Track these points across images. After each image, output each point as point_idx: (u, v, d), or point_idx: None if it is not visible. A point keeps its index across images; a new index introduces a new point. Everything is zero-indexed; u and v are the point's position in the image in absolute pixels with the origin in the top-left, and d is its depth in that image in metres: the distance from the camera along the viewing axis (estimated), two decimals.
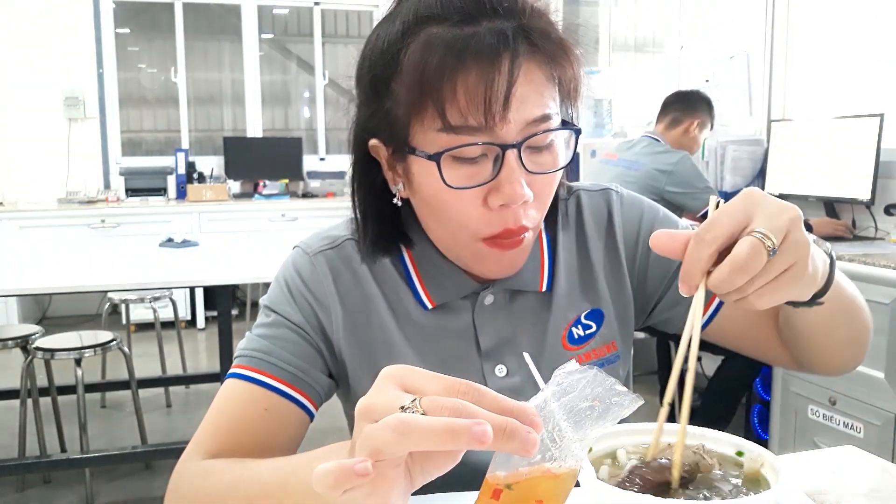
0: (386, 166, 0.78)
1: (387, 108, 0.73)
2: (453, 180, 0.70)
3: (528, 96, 0.69)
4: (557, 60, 0.72)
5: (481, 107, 0.67)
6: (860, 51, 3.15)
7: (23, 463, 2.62)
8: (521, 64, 0.68)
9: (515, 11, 0.70)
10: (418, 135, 0.71)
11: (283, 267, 0.87)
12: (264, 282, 5.20)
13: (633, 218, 0.91)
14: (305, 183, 5.65)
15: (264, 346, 0.81)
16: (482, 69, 0.67)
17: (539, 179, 0.73)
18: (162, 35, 5.64)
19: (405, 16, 0.72)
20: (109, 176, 5.43)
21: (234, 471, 0.71)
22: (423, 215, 0.79)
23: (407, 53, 0.70)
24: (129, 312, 3.81)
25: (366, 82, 0.75)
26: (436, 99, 0.68)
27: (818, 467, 0.82)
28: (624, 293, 0.90)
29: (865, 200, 2.78)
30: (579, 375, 0.51)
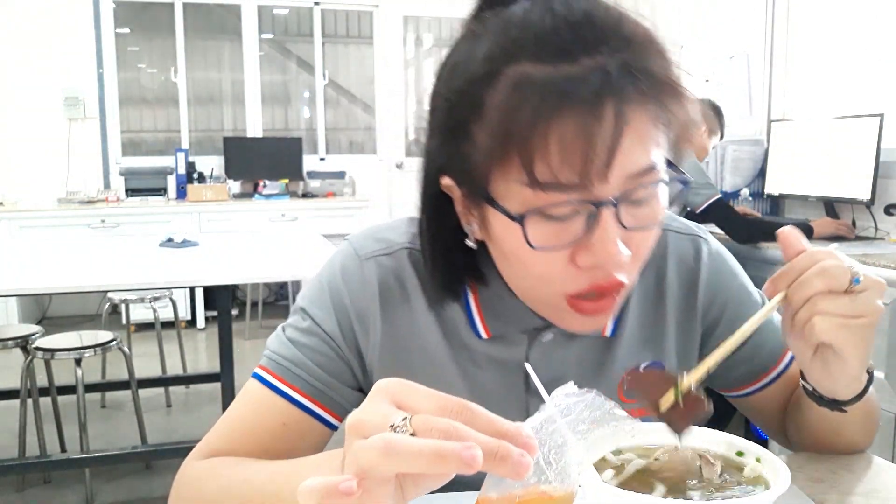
0: (459, 205, 0.69)
1: (464, 151, 0.64)
2: (538, 240, 0.62)
3: (632, 148, 0.60)
4: (666, 102, 0.61)
5: (578, 165, 0.58)
6: (860, 51, 3.15)
7: (23, 463, 2.62)
8: (627, 113, 0.58)
9: (620, 43, 0.60)
10: (499, 186, 0.62)
11: (330, 265, 0.81)
12: (264, 282, 5.23)
13: (718, 277, 0.85)
14: (305, 183, 5.65)
15: (293, 354, 0.78)
16: (582, 121, 0.57)
17: (637, 235, 0.64)
18: (162, 35, 5.64)
19: (490, 45, 0.62)
20: (109, 176, 5.43)
21: (233, 471, 0.71)
22: (499, 263, 0.71)
23: (491, 94, 0.60)
24: (129, 312, 3.81)
25: (441, 117, 0.67)
26: (524, 152, 0.59)
27: (818, 467, 0.82)
28: (691, 350, 0.84)
29: (865, 200, 2.79)
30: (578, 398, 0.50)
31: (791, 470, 0.57)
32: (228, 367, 2.68)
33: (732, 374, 0.88)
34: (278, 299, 5.76)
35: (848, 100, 3.20)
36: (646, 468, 0.62)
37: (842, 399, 0.72)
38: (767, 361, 0.86)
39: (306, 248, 3.24)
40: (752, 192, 3.52)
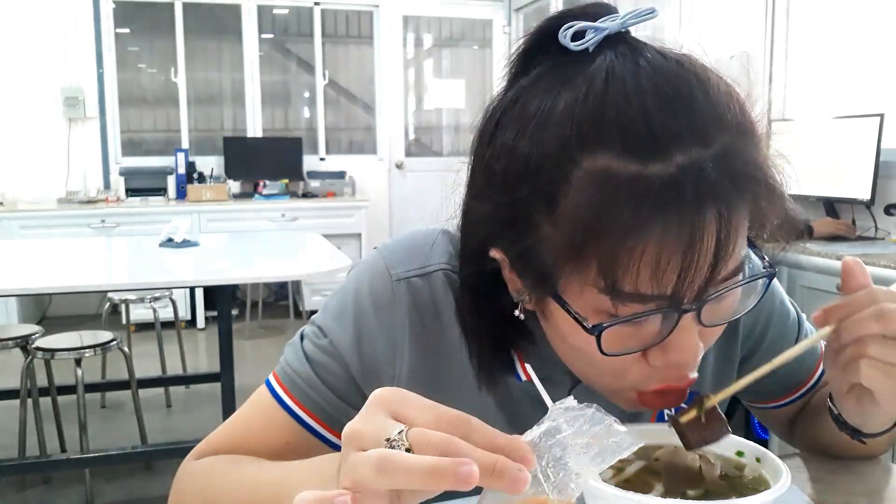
0: (508, 271, 0.61)
1: (526, 240, 0.55)
2: (611, 346, 0.55)
3: (728, 261, 0.53)
4: (762, 208, 0.55)
5: (672, 281, 0.51)
6: (860, 51, 3.15)
7: (23, 463, 2.62)
8: (731, 223, 0.51)
9: (719, 134, 0.51)
10: (570, 286, 0.55)
11: (357, 281, 0.74)
12: (264, 282, 5.23)
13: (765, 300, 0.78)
14: (305, 183, 5.65)
15: (307, 373, 0.73)
16: (680, 234, 0.50)
17: (711, 330, 0.59)
18: (162, 35, 5.64)
19: (563, 126, 0.52)
20: (109, 176, 5.43)
21: (232, 471, 0.71)
22: (555, 344, 0.64)
23: (566, 188, 0.52)
24: (129, 312, 3.81)
25: (498, 199, 0.57)
26: (606, 262, 0.51)
27: (818, 467, 0.82)
28: (728, 375, 0.80)
29: (865, 200, 2.78)
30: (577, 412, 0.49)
31: (791, 470, 0.57)
32: (228, 368, 2.67)
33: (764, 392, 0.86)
34: (278, 299, 5.76)
35: (848, 100, 3.19)
36: (646, 468, 0.62)
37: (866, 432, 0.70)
38: (799, 379, 0.85)
39: (306, 248, 3.24)
40: None
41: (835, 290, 2.56)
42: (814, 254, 2.59)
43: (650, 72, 0.53)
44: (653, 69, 0.53)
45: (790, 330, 0.84)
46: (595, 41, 0.55)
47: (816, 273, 2.58)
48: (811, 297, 2.62)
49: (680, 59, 0.55)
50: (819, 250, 2.58)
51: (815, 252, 2.59)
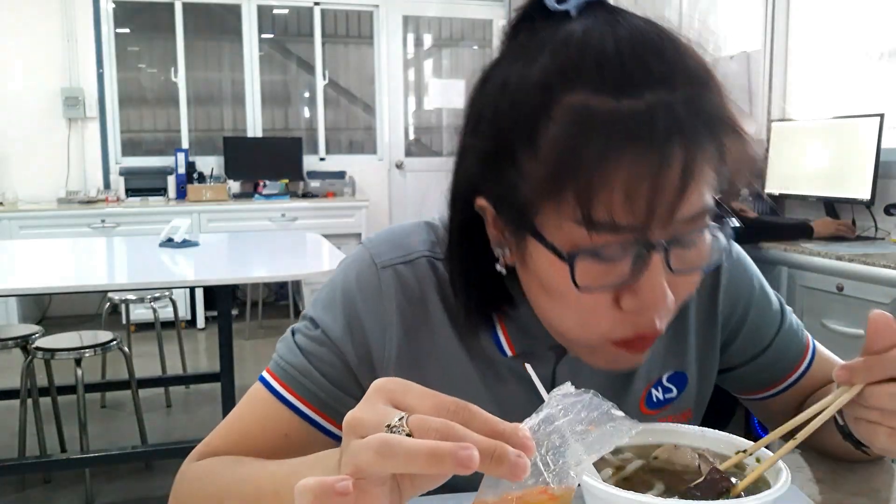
0: (492, 226, 0.66)
1: (509, 180, 0.60)
2: (584, 280, 0.58)
3: (695, 192, 0.57)
4: (725, 142, 0.59)
5: (641, 208, 0.55)
6: (860, 51, 3.15)
7: (23, 463, 2.62)
8: (696, 156, 0.56)
9: (686, 78, 0.57)
10: (548, 220, 0.59)
11: (344, 272, 0.77)
12: (264, 282, 5.23)
13: (739, 283, 0.82)
14: (305, 183, 5.65)
15: (301, 362, 0.75)
16: (650, 163, 0.54)
17: (681, 279, 0.61)
18: (162, 35, 5.64)
19: (545, 67, 0.58)
20: (109, 176, 5.43)
21: (233, 471, 0.71)
22: (532, 295, 0.67)
23: (546, 123, 0.57)
24: (129, 312, 3.81)
25: (483, 138, 0.63)
26: (583, 192, 0.55)
27: (818, 467, 0.82)
28: (712, 359, 0.83)
29: (865, 200, 2.78)
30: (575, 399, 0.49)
31: (791, 470, 0.57)
32: (228, 368, 2.68)
33: (745, 382, 0.87)
34: (278, 299, 5.76)
35: (848, 100, 3.20)
36: (645, 468, 0.62)
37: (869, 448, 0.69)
38: (784, 369, 0.86)
39: (306, 248, 3.24)
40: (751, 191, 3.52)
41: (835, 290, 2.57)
42: (814, 254, 2.59)
43: (626, 25, 0.58)
44: (628, 24, 0.59)
45: (772, 318, 0.85)
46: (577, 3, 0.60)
47: (816, 273, 2.58)
48: (811, 297, 2.62)
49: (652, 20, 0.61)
50: (819, 250, 2.58)
51: (815, 252, 2.59)
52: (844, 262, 2.44)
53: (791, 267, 2.70)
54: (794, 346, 0.85)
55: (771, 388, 0.87)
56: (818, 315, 2.56)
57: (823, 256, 2.54)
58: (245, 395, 0.78)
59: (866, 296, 2.29)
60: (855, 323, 2.35)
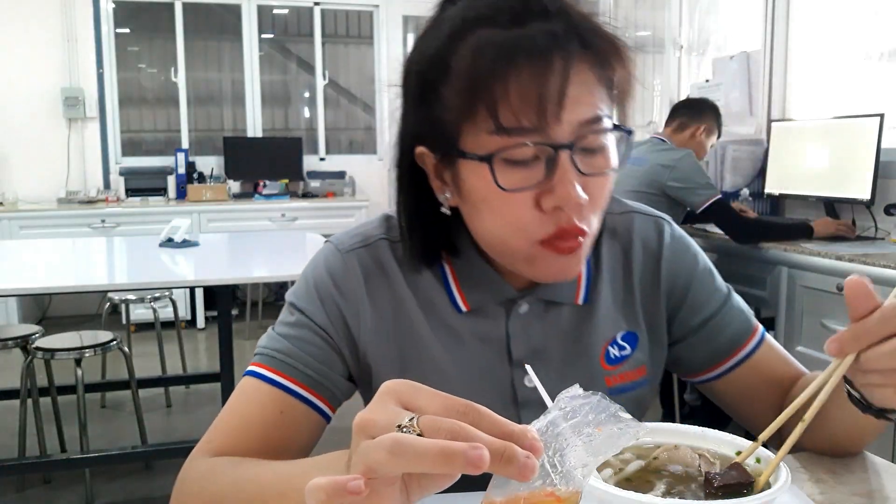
0: (433, 174, 0.76)
1: (436, 114, 0.72)
2: (506, 182, 0.69)
3: (580, 97, 0.68)
4: (609, 61, 0.70)
5: (534, 107, 0.66)
6: (860, 51, 3.16)
7: (23, 463, 2.62)
8: (573, 64, 0.67)
9: (564, 12, 0.70)
10: (469, 138, 0.70)
11: (313, 263, 0.86)
12: (264, 282, 5.23)
13: (680, 257, 0.90)
14: (305, 183, 5.65)
15: (285, 346, 0.81)
16: (535, 69, 0.66)
17: (592, 182, 0.71)
18: (162, 35, 5.64)
19: (452, 21, 0.71)
20: (109, 176, 5.43)
21: (236, 471, 0.71)
22: (472, 221, 0.77)
23: (457, 57, 0.69)
24: (129, 312, 3.81)
25: (413, 89, 0.75)
26: (488, 101, 0.67)
27: (818, 467, 0.82)
28: (659, 322, 0.89)
29: (865, 200, 2.79)
30: (583, 401, 0.50)
31: (791, 470, 0.57)
32: (228, 367, 2.68)
33: (693, 359, 0.90)
34: (278, 299, 5.76)
35: (848, 100, 3.20)
36: (646, 468, 0.62)
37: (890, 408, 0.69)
38: (729, 346, 0.88)
39: (306, 248, 3.24)
40: (752, 192, 3.52)
41: (835, 290, 2.57)
42: (814, 254, 2.59)
43: None
44: None
45: (715, 293, 0.90)
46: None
47: (816, 273, 2.58)
48: (811, 297, 2.62)
49: None
50: (819, 250, 2.58)
51: (815, 252, 2.59)
52: (844, 262, 2.44)
53: (791, 267, 2.70)
54: (739, 325, 0.89)
55: (716, 367, 0.89)
56: (818, 315, 2.56)
57: (823, 256, 2.54)
58: (235, 390, 0.81)
59: None
60: None
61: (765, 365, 0.89)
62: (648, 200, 3.04)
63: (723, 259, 3.04)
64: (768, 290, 2.79)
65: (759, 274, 2.82)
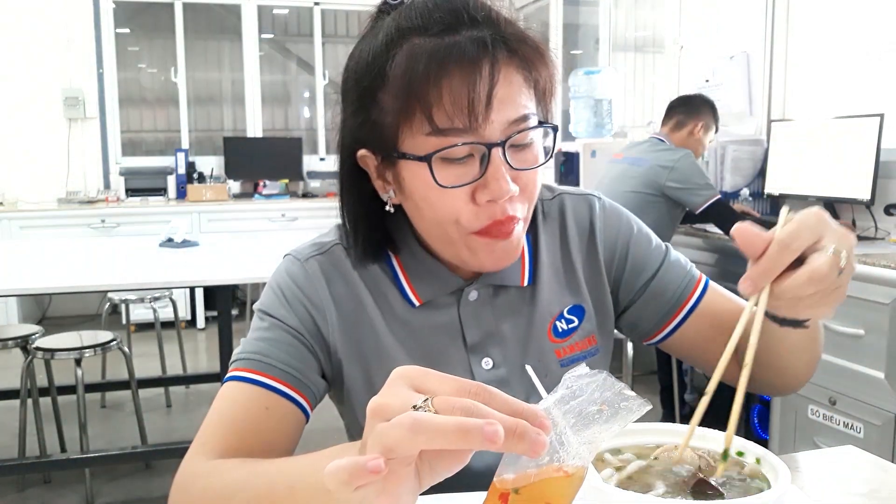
0: (375, 175, 0.81)
1: (374, 119, 0.76)
2: (443, 180, 0.74)
3: (507, 98, 0.74)
4: (533, 63, 0.76)
5: (465, 109, 0.72)
6: (860, 51, 3.16)
7: (23, 463, 2.62)
8: (500, 68, 0.73)
9: (492, 21, 0.75)
10: (407, 140, 0.75)
11: (276, 274, 0.90)
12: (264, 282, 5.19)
13: (613, 226, 0.95)
14: (305, 183, 5.65)
15: (261, 347, 0.83)
16: (465, 74, 0.72)
17: (523, 175, 0.77)
18: (162, 35, 5.64)
19: (387, 30, 0.76)
20: (109, 176, 5.43)
21: (240, 470, 0.71)
22: (414, 217, 0.82)
23: (393, 64, 0.74)
24: (129, 312, 3.81)
25: (352, 95, 0.79)
26: (423, 104, 0.72)
27: (818, 467, 0.82)
28: (602, 291, 0.94)
29: (865, 200, 2.78)
30: (588, 379, 0.51)
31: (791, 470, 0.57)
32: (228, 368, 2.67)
33: (645, 321, 0.94)
34: None
35: (848, 100, 3.20)
36: (646, 468, 0.62)
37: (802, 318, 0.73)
38: (676, 300, 0.92)
39: None
40: (752, 192, 3.52)
41: None
42: None
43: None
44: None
45: (654, 252, 0.95)
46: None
47: None
48: None
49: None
50: None
51: None
52: None
53: None
54: (682, 276, 0.93)
55: (668, 324, 0.92)
56: None
57: None
58: (217, 397, 0.82)
59: (866, 296, 2.29)
60: (855, 323, 2.34)
61: (713, 311, 0.92)
62: (647, 201, 3.05)
63: (723, 259, 3.04)
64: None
65: None
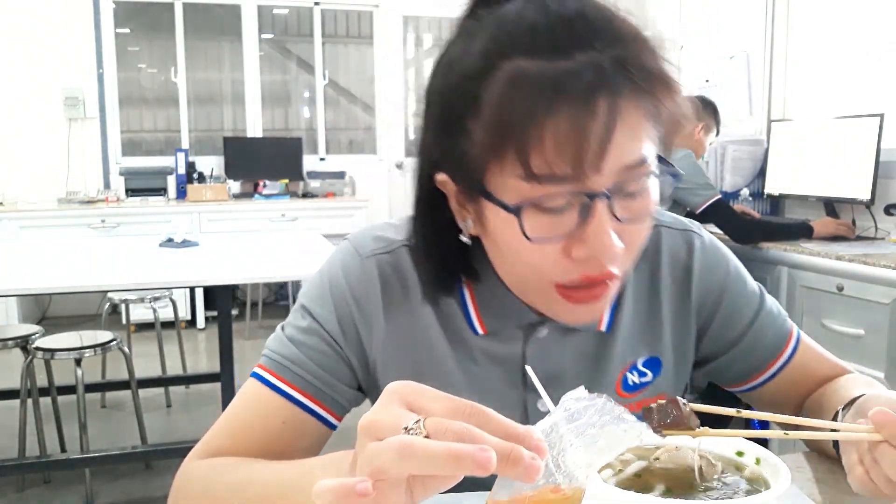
0: (454, 201, 0.71)
1: (460, 147, 0.65)
2: (534, 231, 0.63)
3: (624, 141, 0.61)
4: (657, 95, 0.62)
5: (571, 157, 0.59)
6: (860, 51, 3.15)
7: (23, 463, 2.62)
8: (620, 107, 0.60)
9: (613, 40, 0.61)
10: (495, 179, 0.64)
11: (330, 263, 0.82)
12: (264, 282, 5.23)
13: (711, 269, 0.85)
14: (305, 183, 5.65)
15: (292, 353, 0.78)
16: (576, 114, 0.59)
17: (630, 227, 0.65)
18: (162, 35, 5.64)
19: (485, 41, 0.63)
20: (109, 176, 5.43)
21: (237, 471, 0.71)
22: (493, 256, 0.73)
23: (488, 90, 0.61)
24: (129, 312, 3.81)
25: (436, 113, 0.68)
26: (520, 145, 0.60)
27: (818, 467, 0.82)
28: (687, 342, 0.85)
29: (865, 200, 2.79)
30: (588, 402, 0.50)
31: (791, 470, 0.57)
32: (228, 367, 2.67)
33: (729, 372, 0.89)
34: (278, 299, 5.76)
35: (848, 100, 3.20)
36: (646, 468, 0.62)
37: None
38: (766, 357, 0.87)
39: (306, 248, 3.23)
40: (752, 192, 3.52)
41: (835, 290, 2.57)
42: (814, 254, 2.59)
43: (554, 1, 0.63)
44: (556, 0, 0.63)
45: (748, 301, 0.87)
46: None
47: (816, 273, 2.58)
48: (811, 297, 2.62)
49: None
50: (819, 250, 2.58)
51: (815, 252, 2.59)
52: (844, 262, 2.44)
53: (791, 267, 2.70)
54: (775, 331, 0.87)
55: (756, 377, 0.88)
56: (818, 315, 2.56)
57: (823, 256, 2.54)
58: (239, 392, 0.80)
59: (866, 296, 2.29)
60: (855, 323, 2.34)
61: (802, 370, 0.87)
62: None
63: None
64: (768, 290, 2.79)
65: (759, 274, 2.82)
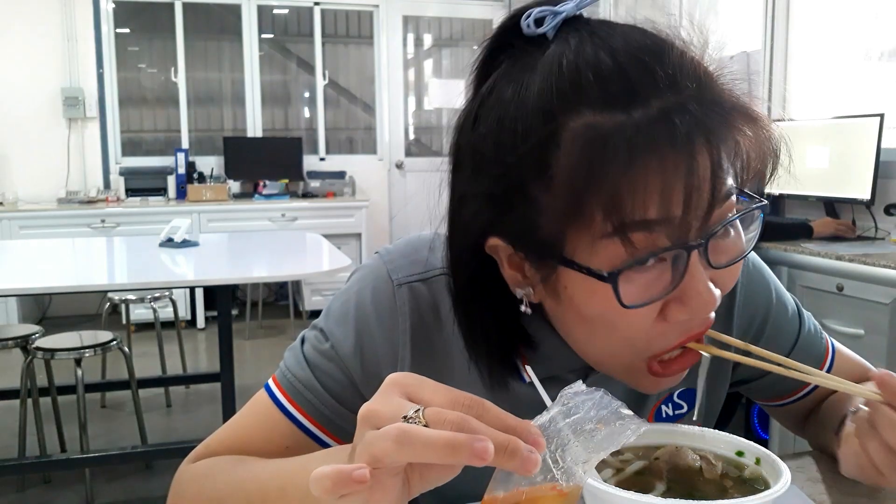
0: (507, 265, 0.62)
1: (525, 216, 0.57)
2: (629, 297, 0.55)
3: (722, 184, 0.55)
4: (738, 128, 0.56)
5: (680, 211, 0.53)
6: (860, 50, 3.15)
7: (23, 463, 2.62)
8: (721, 149, 0.53)
9: (689, 76, 0.54)
10: (578, 247, 0.56)
11: (361, 283, 0.74)
12: (264, 282, 5.24)
13: (755, 295, 0.80)
14: (305, 183, 5.65)
15: (307, 377, 0.74)
16: (679, 164, 0.52)
17: (725, 273, 0.59)
18: (162, 35, 5.64)
19: (542, 94, 0.55)
20: (109, 176, 5.43)
21: (236, 468, 0.71)
22: (568, 328, 0.64)
23: (559, 156, 0.54)
24: (129, 312, 3.81)
25: (489, 181, 0.58)
26: (611, 205, 0.52)
27: (818, 467, 0.82)
28: (722, 376, 0.82)
29: (865, 200, 2.78)
30: (585, 397, 0.50)
31: (791, 470, 0.57)
32: (228, 368, 2.67)
33: (765, 393, 0.88)
34: (278, 299, 5.75)
35: (848, 100, 3.20)
36: (646, 468, 0.62)
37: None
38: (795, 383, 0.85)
39: (306, 248, 3.24)
40: None
41: (835, 290, 2.57)
42: (814, 254, 2.59)
43: (617, 37, 0.56)
44: (619, 35, 0.57)
45: (790, 325, 0.84)
46: (555, 24, 0.58)
47: (816, 273, 2.58)
48: (811, 297, 2.62)
49: (639, 26, 0.59)
50: (819, 250, 2.58)
51: (815, 252, 2.59)
52: (844, 262, 2.44)
53: (791, 267, 2.70)
54: (814, 351, 0.85)
55: (793, 394, 0.87)
56: (818, 315, 2.54)
57: (823, 256, 2.54)
58: (248, 403, 0.78)
59: (866, 296, 2.29)
60: (855, 323, 2.34)
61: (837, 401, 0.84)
62: None
63: None
64: None
65: None
